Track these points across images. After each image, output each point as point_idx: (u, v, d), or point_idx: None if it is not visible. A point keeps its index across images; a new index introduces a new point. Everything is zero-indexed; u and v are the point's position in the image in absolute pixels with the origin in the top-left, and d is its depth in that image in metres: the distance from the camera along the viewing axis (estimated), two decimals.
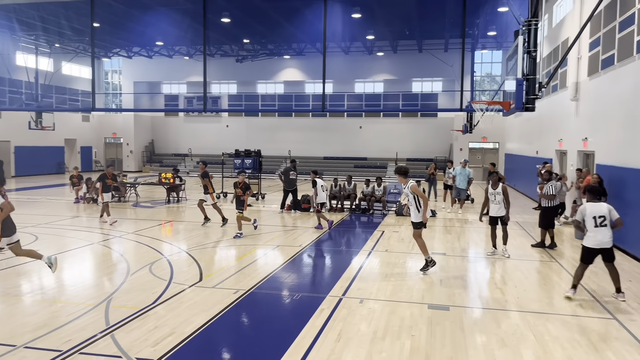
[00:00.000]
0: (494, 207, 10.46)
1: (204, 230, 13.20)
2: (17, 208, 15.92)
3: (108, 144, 38.74)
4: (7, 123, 29.27)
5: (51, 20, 22.98)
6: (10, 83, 25.57)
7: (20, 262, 9.51)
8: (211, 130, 37.96)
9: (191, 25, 22.19)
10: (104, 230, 13.00)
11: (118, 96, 39.56)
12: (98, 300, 7.15)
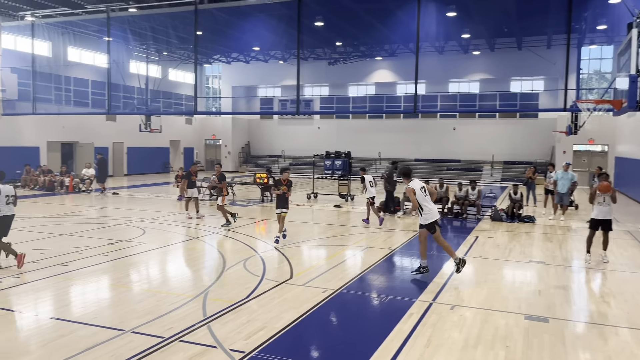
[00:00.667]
0: (602, 210, 9.71)
1: (294, 229, 13.51)
2: (128, 204, 17.29)
3: (208, 145, 40.97)
4: (121, 126, 31.98)
5: (160, 30, 24.76)
6: (124, 89, 27.90)
7: (130, 253, 10.33)
8: (303, 132, 38.81)
9: (286, 31, 22.83)
10: (203, 227, 13.74)
11: (218, 100, 41.67)
12: (196, 292, 7.57)
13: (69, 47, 27.79)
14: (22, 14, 22.93)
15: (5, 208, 8.82)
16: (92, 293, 7.73)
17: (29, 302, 7.14)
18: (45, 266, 8.97)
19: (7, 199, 8.87)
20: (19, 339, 5.77)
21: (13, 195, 9.01)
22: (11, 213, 8.98)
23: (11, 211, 8.97)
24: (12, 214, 9.00)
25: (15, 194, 9.08)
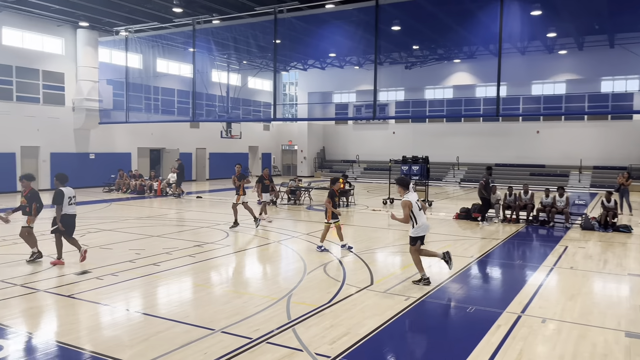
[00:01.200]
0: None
1: (371, 235, 13.48)
2: (211, 208, 17.96)
3: (284, 150, 41.89)
4: (204, 133, 33.49)
5: (241, 40, 25.69)
6: (207, 97, 29.23)
7: (215, 255, 10.78)
8: (378, 137, 38.65)
9: (363, 36, 22.88)
10: (283, 230, 14.05)
11: (294, 106, 42.50)
12: (280, 295, 7.76)
13: (157, 59, 29.50)
14: (117, 29, 24.70)
15: (68, 208, 9.67)
16: (183, 292, 8.15)
17: (129, 299, 7.65)
18: (140, 265, 9.57)
19: (70, 200, 9.71)
20: (122, 333, 6.19)
21: (74, 197, 9.87)
22: (73, 212, 9.81)
23: (74, 211, 9.81)
24: (74, 213, 9.83)
25: (75, 196, 9.94)
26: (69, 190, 9.78)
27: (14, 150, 23.38)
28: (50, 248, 10.06)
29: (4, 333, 6.12)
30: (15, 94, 23.44)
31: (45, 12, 22.94)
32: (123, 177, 25.20)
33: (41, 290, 7.86)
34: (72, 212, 9.75)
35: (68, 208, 9.67)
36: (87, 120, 25.69)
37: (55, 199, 9.55)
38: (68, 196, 9.68)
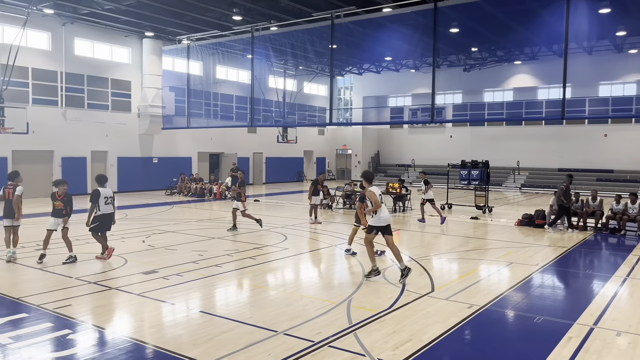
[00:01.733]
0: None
1: (430, 241, 13.26)
2: (268, 211, 18.22)
3: (339, 155, 41.98)
4: (260, 137, 34.16)
5: (298, 46, 26.02)
6: (264, 103, 29.75)
7: (275, 258, 10.94)
8: (434, 140, 38.01)
9: (420, 39, 22.61)
10: (341, 234, 14.07)
11: (349, 111, 42.54)
12: (340, 299, 7.77)
13: (217, 66, 30.36)
14: (179, 38, 25.64)
15: (104, 207, 10.15)
16: (244, 293, 8.32)
17: (193, 299, 7.90)
18: (203, 266, 9.85)
19: (106, 199, 10.19)
20: (188, 332, 6.40)
21: (111, 197, 10.32)
22: (109, 212, 10.28)
23: (109, 210, 10.27)
24: (110, 212, 10.29)
25: (113, 196, 10.40)
26: (106, 190, 10.25)
27: (85, 155, 24.72)
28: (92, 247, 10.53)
29: (79, 328, 6.47)
30: (86, 101, 24.80)
31: (114, 24, 24.16)
32: (184, 180, 26.06)
33: (113, 288, 8.25)
34: (108, 211, 10.25)
35: (105, 207, 10.17)
36: (151, 126, 26.79)
37: (92, 198, 10.12)
38: (104, 196, 10.16)
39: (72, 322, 6.61)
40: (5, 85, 19.65)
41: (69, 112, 24.06)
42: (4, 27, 19.98)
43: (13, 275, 9.12)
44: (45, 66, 23.15)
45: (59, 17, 22.66)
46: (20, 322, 6.57)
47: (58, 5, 21.07)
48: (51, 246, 10.80)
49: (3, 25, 19.93)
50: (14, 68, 19.72)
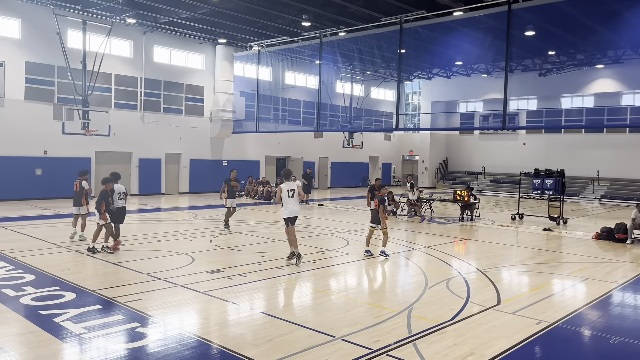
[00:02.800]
0: None
1: (499, 252, 12.74)
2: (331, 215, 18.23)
3: (405, 160, 41.43)
4: (326, 142, 34.40)
5: (365, 51, 26.00)
6: (331, 108, 29.97)
7: (336, 263, 10.94)
8: (506, 148, 36.61)
9: (493, 43, 21.86)
10: (403, 242, 13.85)
11: (417, 116, 41.91)
12: (400, 308, 7.62)
13: (286, 72, 30.93)
14: (250, 45, 26.39)
15: (118, 202, 11.25)
16: (304, 297, 8.37)
17: (255, 299, 8.05)
18: (265, 268, 10.02)
19: (119, 195, 11.30)
20: (248, 332, 6.52)
21: (124, 193, 11.50)
22: (122, 205, 11.40)
23: (122, 204, 11.39)
24: (123, 206, 11.44)
25: (126, 192, 11.62)
26: (119, 187, 11.38)
27: (160, 157, 25.96)
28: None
29: (148, 322, 6.76)
30: (162, 105, 26.06)
31: (189, 32, 25.26)
32: (252, 183, 26.71)
33: (180, 285, 8.57)
34: (121, 205, 11.37)
35: (118, 202, 11.26)
36: (222, 130, 27.70)
37: (103, 195, 11.02)
38: (118, 192, 11.28)
39: (141, 316, 6.93)
40: (91, 91, 21.03)
41: (147, 115, 25.38)
42: (90, 36, 21.42)
43: (90, 269, 9.71)
44: (127, 72, 24.58)
45: (140, 26, 24.00)
46: (94, 314, 6.97)
47: (140, 15, 22.33)
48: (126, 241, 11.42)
49: (90, 34, 21.38)
50: (99, 74, 21.07)
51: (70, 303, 7.39)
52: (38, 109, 21.68)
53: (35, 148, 21.62)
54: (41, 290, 7.98)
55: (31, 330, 6.31)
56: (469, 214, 19.20)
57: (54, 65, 21.85)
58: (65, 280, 8.60)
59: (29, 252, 10.89)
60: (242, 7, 20.89)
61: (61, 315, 6.81)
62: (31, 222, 15.24)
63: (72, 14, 21.01)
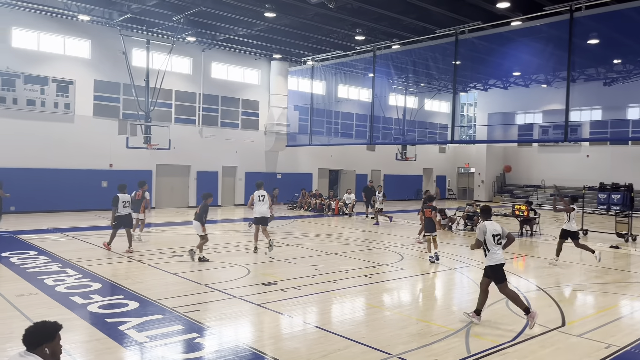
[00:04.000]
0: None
1: (562, 270, 12.19)
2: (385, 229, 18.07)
3: (460, 173, 40.53)
4: (379, 155, 34.24)
5: (419, 63, 25.77)
6: (384, 120, 29.82)
7: (390, 278, 10.81)
8: (568, 160, 35.11)
9: (553, 53, 21.13)
10: (460, 257, 13.52)
11: (472, 128, 41.01)
12: (458, 326, 7.42)
13: (339, 85, 31.11)
14: (304, 59, 26.78)
15: (122, 209, 12.61)
16: (359, 312, 8.32)
17: (309, 313, 8.08)
18: (319, 281, 10.05)
19: (124, 203, 12.64)
20: (303, 346, 6.54)
21: (129, 201, 12.83)
22: (127, 213, 12.76)
23: (127, 212, 12.75)
24: (128, 213, 12.79)
25: (130, 200, 12.94)
26: (124, 196, 12.75)
27: (217, 169, 26.69)
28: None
29: (205, 333, 6.93)
30: (219, 120, 26.83)
31: (246, 48, 25.96)
32: (305, 195, 26.93)
33: (236, 297, 8.73)
34: (125, 212, 12.71)
35: (123, 210, 12.63)
36: (276, 143, 28.16)
37: (112, 202, 12.62)
38: (122, 201, 12.62)
39: (200, 327, 7.11)
40: (153, 106, 22.01)
41: (205, 130, 26.20)
42: (153, 54, 22.47)
43: (151, 279, 10.07)
44: (186, 88, 25.52)
45: (199, 43, 24.91)
46: (156, 323, 7.21)
47: (199, 33, 23.19)
48: (185, 252, 11.78)
49: (153, 52, 22.43)
50: (161, 90, 22.04)
51: (134, 312, 7.69)
52: (105, 124, 22.85)
53: (101, 161, 22.76)
54: (107, 299, 8.35)
55: (98, 337, 6.61)
56: (529, 229, 18.50)
57: (119, 82, 23.01)
58: (128, 289, 8.97)
59: (95, 261, 11.44)
60: (297, 23, 21.28)
61: (126, 323, 7.09)
62: (97, 232, 16.00)
63: (137, 34, 22.14)
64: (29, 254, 12.09)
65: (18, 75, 20.37)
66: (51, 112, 21.31)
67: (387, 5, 18.84)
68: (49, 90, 21.14)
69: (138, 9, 19.94)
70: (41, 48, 21.30)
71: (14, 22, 20.38)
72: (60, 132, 21.60)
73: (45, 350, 3.57)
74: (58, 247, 13.06)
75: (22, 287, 8.94)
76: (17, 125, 20.50)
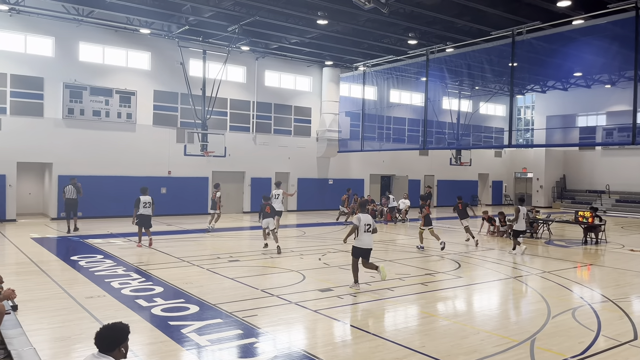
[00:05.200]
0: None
1: (632, 279, 11.54)
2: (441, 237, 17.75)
3: (518, 178, 39.24)
4: (432, 160, 33.70)
5: (475, 66, 25.24)
6: (437, 125, 29.34)
7: (448, 286, 10.59)
8: (635, 164, 33.25)
9: (618, 51, 20.16)
10: (519, 266, 13.06)
11: (530, 131, 39.67)
12: (521, 338, 7.16)
13: (391, 90, 30.92)
14: (356, 65, 26.82)
15: (143, 210, 14.14)
16: (417, 320, 8.18)
17: (366, 320, 8.04)
18: (375, 289, 9.97)
19: (144, 204, 14.16)
20: (362, 355, 6.49)
21: (149, 202, 14.28)
22: (147, 214, 14.19)
23: (147, 212, 14.20)
24: (148, 214, 14.21)
25: (150, 202, 14.31)
26: (145, 197, 14.26)
27: (270, 175, 27.08)
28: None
29: (264, 338, 7.02)
30: (273, 127, 27.26)
31: (298, 55, 26.28)
32: (357, 201, 26.81)
33: (293, 302, 8.80)
34: (146, 213, 14.17)
35: (143, 210, 14.13)
36: (328, 149, 28.29)
37: (135, 204, 14.18)
38: (143, 202, 14.14)
39: (259, 332, 7.21)
40: (209, 115, 22.64)
41: (258, 137, 26.68)
42: (209, 64, 23.16)
43: (210, 283, 10.31)
44: (240, 97, 26.10)
45: (253, 52, 25.44)
46: (216, 327, 7.37)
47: (253, 42, 23.69)
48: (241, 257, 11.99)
49: (209, 62, 23.12)
50: (216, 99, 22.66)
51: (195, 315, 7.90)
52: (163, 132, 23.72)
53: (160, 169, 23.61)
54: (169, 302, 8.62)
55: (162, 340, 6.83)
56: (593, 236, 17.64)
57: (177, 92, 23.83)
58: (189, 293, 9.23)
59: (157, 266, 11.85)
60: (349, 29, 21.35)
61: (187, 327, 7.29)
62: (157, 237, 16.57)
63: (194, 45, 22.89)
64: (95, 257, 12.69)
65: (85, 88, 21.50)
66: (115, 122, 22.34)
67: (440, 9, 18.58)
68: (112, 101, 22.18)
69: (195, 20, 20.63)
70: (105, 61, 22.41)
71: (81, 37, 21.55)
72: (122, 141, 22.60)
73: (122, 350, 3.78)
74: (122, 252, 13.62)
75: (90, 290, 9.38)
76: (84, 135, 21.62)
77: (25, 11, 19.34)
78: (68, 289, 9.35)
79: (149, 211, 14.28)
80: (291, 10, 19.05)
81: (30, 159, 20.88)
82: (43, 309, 8.09)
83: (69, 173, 20.61)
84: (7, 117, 20.12)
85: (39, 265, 11.59)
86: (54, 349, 6.44)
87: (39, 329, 7.04)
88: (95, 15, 20.01)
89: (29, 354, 5.40)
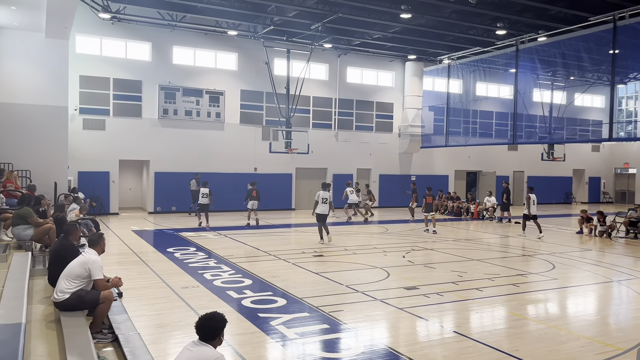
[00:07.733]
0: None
1: None
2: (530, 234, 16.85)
3: (618, 174, 36.38)
4: (522, 155, 32.11)
5: (569, 55, 23.68)
6: (527, 118, 27.83)
7: (542, 288, 10.05)
8: None
9: None
10: (621, 268, 12.11)
11: (633, 123, 36.58)
12: (628, 345, 6.64)
13: (477, 83, 29.79)
14: (440, 58, 26.11)
15: (202, 200, 17.42)
16: (509, 323, 7.83)
17: (455, 320, 7.83)
18: (463, 288, 9.69)
19: (202, 195, 17.35)
20: (450, 355, 6.34)
21: (206, 194, 17.32)
22: (205, 203, 17.41)
23: (205, 202, 17.40)
24: (206, 203, 17.41)
25: (208, 193, 17.35)
26: (204, 189, 17.48)
27: (352, 172, 27.14)
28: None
29: (352, 334, 7.05)
30: (354, 123, 27.27)
31: (380, 51, 26.07)
32: (442, 198, 26.20)
33: (378, 299, 8.77)
34: (204, 202, 17.42)
35: (202, 200, 17.42)
36: (411, 145, 27.84)
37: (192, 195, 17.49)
38: (202, 193, 17.44)
39: (345, 327, 7.26)
40: (293, 113, 23.10)
41: (340, 133, 26.82)
42: (293, 63, 23.63)
43: (296, 277, 10.52)
44: (323, 94, 26.35)
45: (335, 49, 25.58)
46: (304, 320, 7.51)
47: (335, 39, 23.82)
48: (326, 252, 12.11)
49: (293, 61, 23.60)
50: (300, 97, 23.06)
51: (282, 308, 8.11)
52: (250, 131, 24.52)
53: (247, 165, 24.45)
54: (258, 295, 8.91)
55: (252, 330, 7.07)
56: None
57: (262, 91, 24.53)
58: (276, 286, 9.48)
59: (245, 259, 12.30)
60: (433, 21, 20.84)
61: (276, 319, 7.50)
62: (244, 231, 17.21)
63: (278, 44, 23.44)
64: (189, 250, 13.40)
65: (178, 89, 22.74)
66: (205, 121, 23.44)
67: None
68: (203, 101, 23.27)
69: (280, 20, 21.09)
70: (196, 63, 23.55)
71: (174, 42, 22.80)
72: (212, 139, 23.65)
73: (221, 338, 4.00)
74: (213, 245, 14.28)
75: (185, 280, 9.93)
76: (177, 134, 22.89)
77: (125, 19, 20.78)
78: (165, 279, 9.96)
79: (207, 200, 17.43)
80: (374, 6, 18.91)
81: (130, 156, 22.45)
82: (144, 297, 8.68)
83: (164, 170, 21.90)
84: (111, 118, 21.77)
85: (139, 256, 12.44)
86: (155, 334, 6.88)
87: (141, 315, 7.56)
88: (187, 20, 21.08)
89: (135, 339, 5.81)
